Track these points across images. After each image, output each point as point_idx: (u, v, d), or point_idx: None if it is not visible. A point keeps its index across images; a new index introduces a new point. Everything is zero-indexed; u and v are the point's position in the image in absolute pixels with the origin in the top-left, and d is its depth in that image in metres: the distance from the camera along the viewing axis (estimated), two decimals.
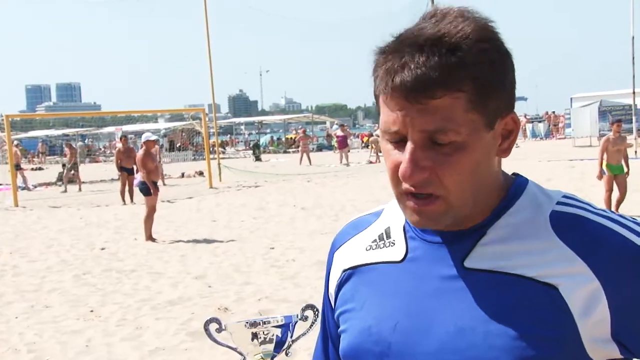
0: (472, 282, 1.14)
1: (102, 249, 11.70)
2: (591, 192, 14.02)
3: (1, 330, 7.06)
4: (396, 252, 1.24)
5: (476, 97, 1.07)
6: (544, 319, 1.08)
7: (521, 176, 1.23)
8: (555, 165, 23.51)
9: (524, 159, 27.28)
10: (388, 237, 1.27)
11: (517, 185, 1.20)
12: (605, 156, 12.12)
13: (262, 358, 1.24)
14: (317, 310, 1.26)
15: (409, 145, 1.09)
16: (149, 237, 12.19)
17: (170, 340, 6.38)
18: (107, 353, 6.15)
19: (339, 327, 1.30)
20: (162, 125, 50.87)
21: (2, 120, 23.53)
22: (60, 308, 7.86)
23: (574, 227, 1.13)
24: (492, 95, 1.09)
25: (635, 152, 25.54)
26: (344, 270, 1.30)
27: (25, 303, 8.17)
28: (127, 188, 19.52)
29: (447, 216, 1.12)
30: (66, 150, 27.50)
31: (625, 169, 12.19)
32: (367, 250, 1.28)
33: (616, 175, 12.11)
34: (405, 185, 1.11)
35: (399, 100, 1.07)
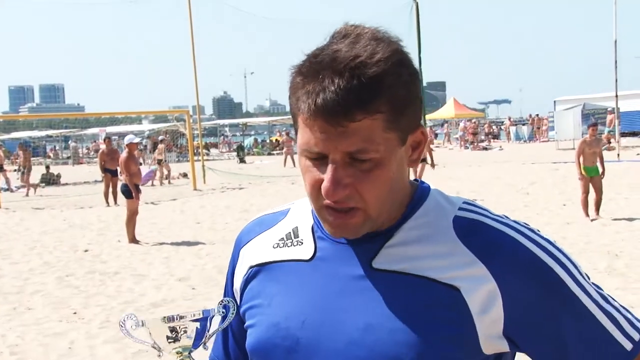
0: (379, 281, 1.20)
1: (86, 250, 11.64)
2: (574, 194, 14.14)
3: None
4: (305, 251, 1.28)
5: (393, 117, 1.14)
6: (446, 318, 1.16)
7: (423, 182, 1.30)
8: (539, 168, 23.64)
9: (507, 161, 27.43)
10: (296, 236, 1.31)
11: (421, 190, 1.27)
12: (581, 159, 12.42)
13: (179, 352, 1.25)
14: (234, 303, 1.28)
15: (331, 166, 1.14)
16: (132, 240, 12.14)
17: None
18: (90, 355, 6.13)
19: (243, 322, 1.33)
20: (146, 126, 50.67)
21: None
22: (43, 310, 7.82)
23: (475, 232, 1.20)
24: (406, 114, 1.16)
25: (618, 155, 25.75)
26: (251, 267, 1.33)
27: (7, 305, 8.12)
28: (110, 190, 19.43)
29: (365, 227, 1.19)
30: (19, 153, 27.16)
31: (601, 170, 12.45)
32: (274, 247, 1.32)
33: (592, 177, 12.38)
34: (325, 201, 1.16)
35: (320, 123, 1.12)
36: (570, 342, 1.18)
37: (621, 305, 1.23)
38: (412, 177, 1.31)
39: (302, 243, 1.29)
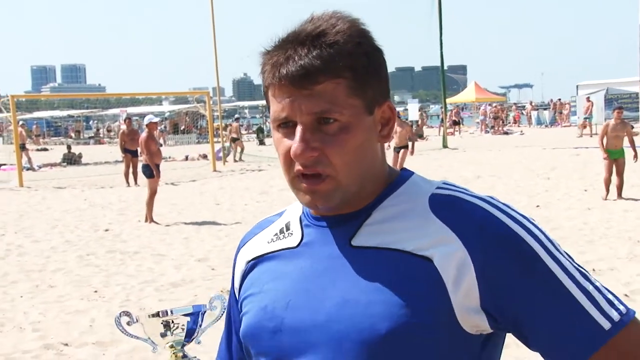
0: (358, 258, 1.24)
1: (106, 230, 11.75)
2: (595, 180, 14.05)
3: (6, 309, 7.12)
4: (293, 239, 1.34)
5: (355, 84, 1.20)
6: (420, 289, 1.18)
7: (408, 170, 1.34)
8: (560, 153, 23.46)
9: (528, 146, 27.24)
10: (287, 229, 1.37)
11: (402, 176, 1.32)
12: (605, 141, 12.69)
13: (172, 347, 1.27)
14: (225, 300, 1.33)
15: (299, 128, 1.20)
16: (151, 220, 12.23)
17: None
18: (111, 333, 6.20)
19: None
20: (166, 107, 50.80)
21: (8, 100, 23.54)
22: (64, 288, 7.92)
23: (449, 206, 1.24)
24: (370, 83, 1.23)
25: None
26: (248, 262, 1.40)
27: (30, 282, 8.22)
28: (131, 170, 19.55)
29: (337, 194, 1.23)
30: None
31: (633, 153, 12.70)
32: (268, 242, 1.38)
33: (615, 159, 12.62)
34: (297, 167, 1.22)
35: (287, 88, 1.20)
36: (544, 316, 1.18)
37: (603, 286, 1.23)
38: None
39: (292, 234, 1.35)
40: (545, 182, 15.78)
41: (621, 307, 1.20)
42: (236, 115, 34.44)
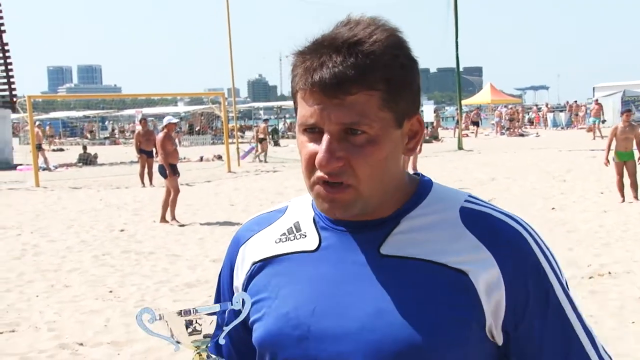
0: (388, 267, 1.22)
1: (121, 230, 11.79)
2: (611, 182, 13.93)
3: (22, 309, 7.16)
4: (309, 242, 1.30)
5: (388, 97, 1.18)
6: (456, 301, 1.18)
7: (424, 175, 1.33)
8: (576, 155, 23.33)
9: (544, 148, 27.10)
10: (298, 230, 1.33)
11: (424, 182, 1.31)
12: (615, 144, 12.87)
13: (196, 346, 1.24)
14: (249, 298, 1.28)
15: (326, 136, 1.17)
16: (172, 220, 12.27)
17: None
18: (126, 333, 6.22)
19: (247, 318, 1.32)
20: (181, 108, 50.98)
21: (24, 100, 23.71)
22: (79, 288, 7.96)
23: (482, 222, 1.24)
24: (402, 96, 1.20)
25: None
26: (254, 263, 1.34)
27: (45, 282, 8.27)
28: (146, 170, 19.62)
29: (356, 205, 1.21)
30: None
31: (637, 156, 12.75)
32: (277, 242, 1.33)
33: (625, 161, 12.75)
34: (319, 174, 1.19)
35: (317, 95, 1.17)
36: (547, 348, 1.22)
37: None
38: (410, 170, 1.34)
39: (305, 236, 1.31)
40: (561, 184, 15.70)
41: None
42: (265, 117, 34.84)
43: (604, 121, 34.04)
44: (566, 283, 1.25)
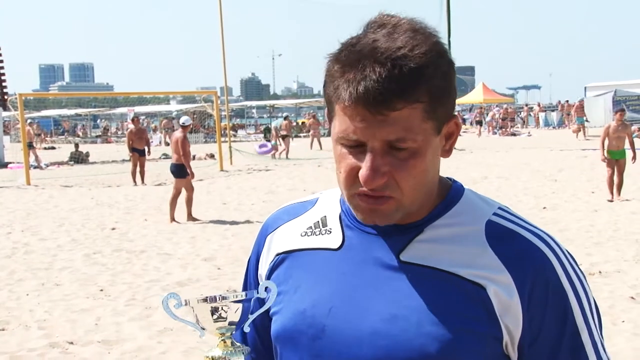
0: (406, 274, 1.21)
1: (113, 229, 11.77)
2: (603, 182, 13.97)
3: (12, 307, 7.13)
4: (333, 239, 1.29)
5: (431, 107, 1.15)
6: (472, 314, 1.17)
7: (457, 181, 1.31)
8: (567, 154, 23.40)
9: (536, 147, 27.18)
10: (324, 225, 1.32)
11: (455, 189, 1.29)
12: (607, 142, 13.06)
13: (222, 333, 1.25)
14: (275, 287, 1.27)
15: (369, 154, 1.15)
16: (190, 218, 12.24)
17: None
18: (116, 332, 6.21)
19: (269, 309, 1.32)
20: (174, 107, 50.92)
21: (16, 98, 23.62)
22: (70, 286, 7.93)
23: (506, 241, 1.21)
24: (443, 104, 1.17)
25: None
26: (278, 254, 1.34)
27: (36, 281, 8.24)
28: (138, 169, 19.58)
29: (398, 214, 1.20)
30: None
31: (631, 155, 13.00)
32: (302, 236, 1.33)
33: (617, 160, 12.95)
34: (360, 188, 1.17)
35: (361, 110, 1.13)
36: None
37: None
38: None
39: (330, 232, 1.30)
40: (553, 183, 15.74)
41: None
42: (285, 114, 34.79)
43: (586, 121, 34.14)
44: (592, 308, 1.23)
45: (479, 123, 41.09)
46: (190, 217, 12.33)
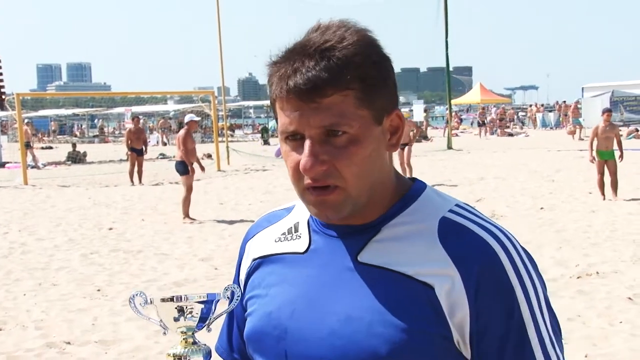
0: (363, 275, 1.24)
1: (110, 229, 11.75)
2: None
3: (9, 307, 7.12)
4: (301, 244, 1.33)
5: (363, 95, 1.19)
6: (421, 314, 1.19)
7: (420, 181, 1.32)
8: (565, 155, 23.42)
9: (533, 148, 27.19)
10: (296, 230, 1.36)
11: (415, 188, 1.30)
12: (595, 143, 13.23)
13: (183, 332, 1.29)
14: (240, 290, 1.32)
15: (307, 141, 1.19)
16: (186, 216, 12.23)
17: None
18: (113, 332, 6.20)
19: (245, 311, 1.38)
20: (171, 107, 50.82)
21: (13, 98, 23.59)
22: (67, 286, 7.92)
23: (456, 236, 1.22)
24: (378, 93, 1.21)
25: None
26: (254, 259, 1.40)
27: (33, 280, 8.23)
28: (135, 169, 19.57)
29: (347, 205, 1.21)
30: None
31: (618, 154, 13.07)
32: (276, 241, 1.37)
33: (606, 160, 13.09)
34: (306, 181, 1.20)
35: (294, 101, 1.18)
36: None
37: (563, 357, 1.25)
38: (407, 174, 1.32)
39: (300, 237, 1.34)
40: (550, 184, 15.75)
41: None
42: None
43: (582, 120, 34.19)
44: (542, 304, 1.23)
45: (481, 124, 40.77)
46: (186, 216, 12.31)
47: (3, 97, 29.20)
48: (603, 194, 12.99)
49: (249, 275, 1.39)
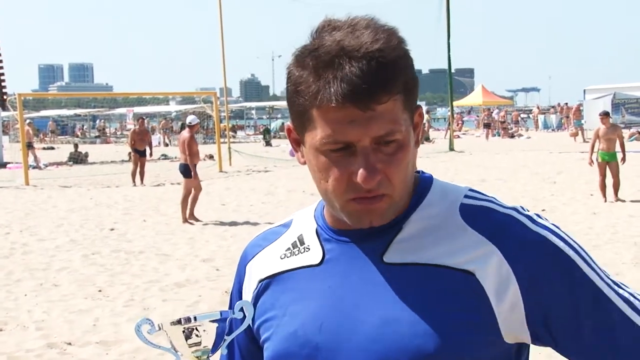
0: (393, 275, 1.19)
1: (111, 229, 11.76)
2: None
3: (10, 308, 7.13)
4: (313, 256, 1.27)
5: (406, 98, 1.16)
6: (464, 304, 1.15)
7: (424, 172, 1.29)
8: (566, 157, 23.41)
9: (535, 150, 27.18)
10: (302, 243, 1.29)
11: (423, 180, 1.27)
12: (597, 145, 13.28)
13: (197, 356, 1.20)
14: (251, 306, 1.25)
15: (362, 153, 1.13)
16: (186, 220, 12.20)
17: None
18: (114, 333, 6.20)
19: (252, 339, 1.32)
20: (173, 107, 50.86)
21: (15, 98, 23.61)
22: (68, 287, 7.92)
23: (483, 217, 1.20)
24: (415, 94, 1.19)
25: None
26: (260, 281, 1.31)
27: (34, 281, 8.23)
28: (138, 169, 19.58)
29: (391, 211, 1.19)
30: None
31: (621, 156, 13.11)
32: (282, 258, 1.30)
33: (607, 162, 13.10)
34: (356, 193, 1.14)
35: (349, 109, 1.10)
36: (587, 325, 1.16)
37: (635, 291, 1.22)
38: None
39: (309, 249, 1.28)
40: (551, 186, 15.75)
41: None
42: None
43: (584, 122, 34.18)
44: (591, 257, 1.21)
45: (487, 126, 40.56)
46: (192, 217, 12.31)
47: (5, 97, 29.23)
48: (604, 196, 13.00)
49: (257, 298, 1.31)
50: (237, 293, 1.38)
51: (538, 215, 1.23)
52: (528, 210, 1.23)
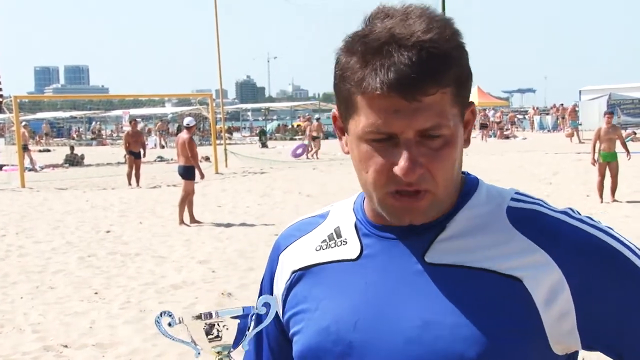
0: (434, 276, 1.14)
1: (107, 231, 11.74)
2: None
3: (6, 310, 7.11)
4: (350, 250, 1.22)
5: (457, 91, 1.11)
6: (509, 311, 1.10)
7: (470, 173, 1.25)
8: (562, 158, 23.44)
9: (531, 151, 27.21)
10: (339, 236, 1.25)
11: (469, 181, 1.23)
12: (598, 145, 13.30)
13: (218, 352, 1.19)
14: (276, 301, 1.23)
15: (405, 145, 1.08)
16: (193, 221, 12.20)
17: None
18: (110, 335, 6.19)
19: (281, 331, 1.29)
20: (169, 109, 50.85)
21: (11, 101, 23.57)
22: (64, 289, 7.91)
23: (532, 221, 1.15)
24: (468, 89, 1.14)
25: None
26: (294, 272, 1.27)
27: (30, 284, 8.21)
28: (133, 171, 19.57)
29: (433, 209, 1.14)
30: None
31: (626, 153, 13.38)
32: (317, 250, 1.26)
33: (608, 162, 13.15)
34: (396, 186, 1.10)
35: (394, 98, 1.06)
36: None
37: None
38: None
39: (346, 242, 1.23)
40: (548, 187, 15.76)
41: None
42: (317, 116, 35.21)
43: (580, 124, 34.28)
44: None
45: (483, 127, 40.49)
46: (194, 220, 12.29)
47: (0, 99, 29.18)
48: (601, 196, 13.04)
49: (288, 289, 1.26)
50: (268, 283, 1.33)
51: (590, 218, 1.17)
52: (579, 213, 1.18)
